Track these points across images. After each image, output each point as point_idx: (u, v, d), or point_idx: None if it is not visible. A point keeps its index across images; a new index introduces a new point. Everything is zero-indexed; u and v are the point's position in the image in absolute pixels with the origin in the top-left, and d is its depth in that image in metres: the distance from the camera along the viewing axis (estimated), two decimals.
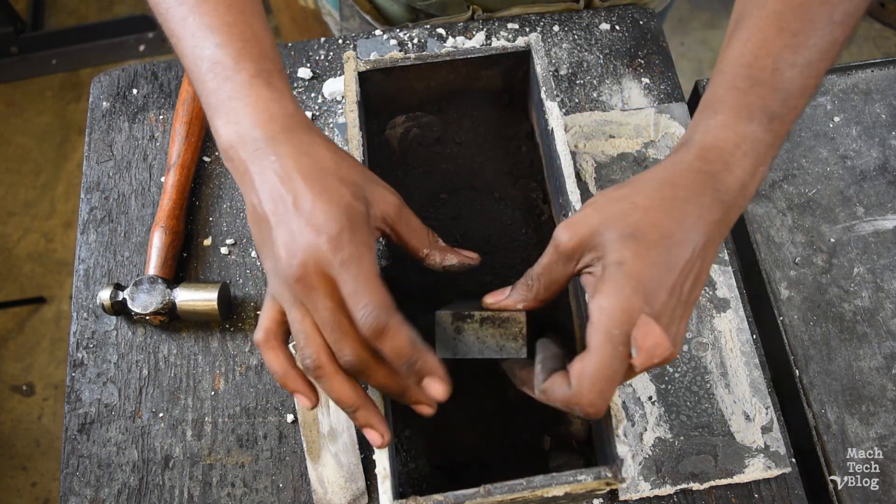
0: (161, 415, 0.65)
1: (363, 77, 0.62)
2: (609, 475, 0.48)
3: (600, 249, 0.45)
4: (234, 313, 0.69)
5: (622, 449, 0.49)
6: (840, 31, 0.48)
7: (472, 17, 0.83)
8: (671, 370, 0.65)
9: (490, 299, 0.52)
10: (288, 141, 0.48)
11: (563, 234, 0.47)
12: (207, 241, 0.72)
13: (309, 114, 0.77)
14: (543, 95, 0.60)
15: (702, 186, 0.46)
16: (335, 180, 0.47)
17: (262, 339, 0.48)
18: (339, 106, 0.78)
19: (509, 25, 0.81)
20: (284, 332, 0.48)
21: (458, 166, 0.66)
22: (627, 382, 0.64)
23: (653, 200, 0.46)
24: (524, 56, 0.63)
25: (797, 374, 0.66)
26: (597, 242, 0.46)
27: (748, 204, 0.47)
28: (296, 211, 0.45)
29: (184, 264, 0.71)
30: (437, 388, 0.47)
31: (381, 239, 0.57)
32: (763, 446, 0.62)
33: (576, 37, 0.80)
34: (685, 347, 0.66)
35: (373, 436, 0.48)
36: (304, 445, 0.61)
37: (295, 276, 0.44)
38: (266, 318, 0.48)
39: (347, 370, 0.46)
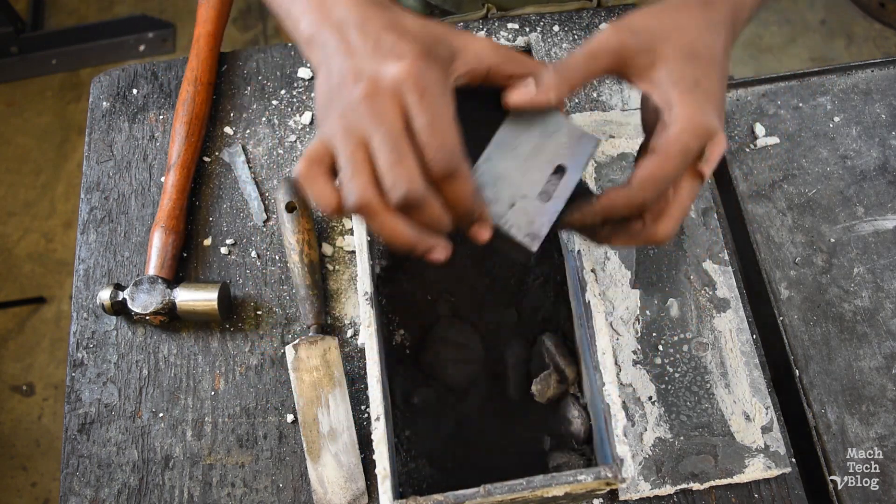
0: (161, 415, 0.65)
1: None
2: (609, 475, 0.48)
3: (659, 58, 0.49)
4: (234, 313, 0.69)
5: (622, 449, 0.49)
6: None
7: (486, 15, 0.83)
8: (671, 370, 0.65)
9: (515, 97, 0.49)
10: (377, 8, 0.46)
11: (612, 31, 0.49)
12: (207, 241, 0.72)
13: (309, 115, 0.77)
14: None
15: (723, 3, 0.52)
16: (420, 31, 0.46)
17: (305, 170, 0.44)
18: None
19: (509, 25, 0.81)
20: (330, 165, 0.44)
21: None
22: (627, 382, 0.64)
23: (697, 21, 0.50)
24: None
25: (797, 374, 0.66)
26: (653, 48, 0.49)
27: (743, 20, 0.55)
28: (375, 48, 0.44)
29: (184, 264, 0.71)
30: (484, 234, 0.46)
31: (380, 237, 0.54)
32: (763, 446, 0.62)
33: (576, 37, 0.80)
34: (685, 347, 0.66)
35: (439, 255, 0.45)
36: (304, 445, 0.61)
37: (365, 93, 0.42)
38: (309, 150, 0.44)
39: (397, 202, 0.42)
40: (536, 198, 0.48)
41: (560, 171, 0.48)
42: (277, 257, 0.71)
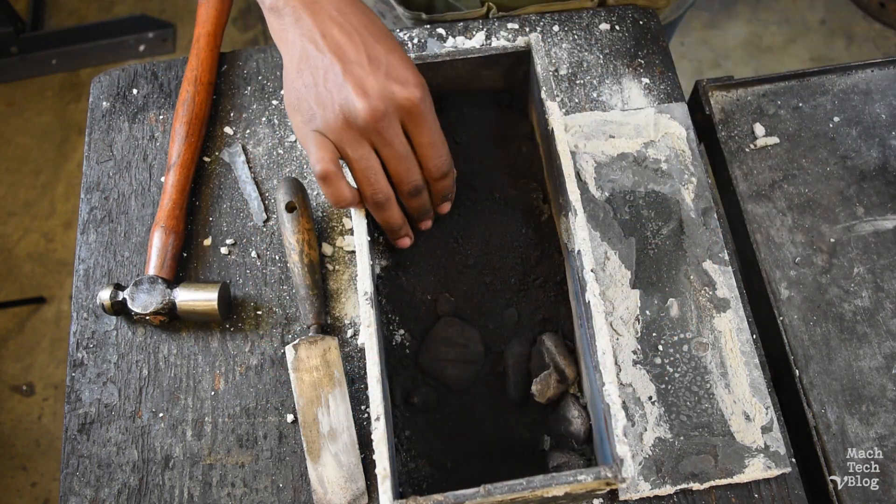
0: (161, 415, 0.65)
1: None
2: (609, 475, 0.48)
3: None
4: (234, 313, 0.69)
5: (622, 449, 0.49)
6: None
7: (487, 14, 0.83)
8: (671, 370, 0.65)
9: None
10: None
11: None
12: (207, 241, 0.72)
13: None
14: (543, 95, 0.60)
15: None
16: (397, 44, 0.56)
17: (331, 171, 0.54)
18: None
19: (509, 25, 0.81)
20: (340, 165, 0.55)
21: (458, 166, 0.66)
22: (627, 382, 0.64)
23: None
24: (524, 56, 0.63)
25: (797, 374, 0.66)
26: None
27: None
28: (370, 60, 0.53)
29: (184, 264, 0.71)
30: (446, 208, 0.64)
31: (379, 237, 0.66)
32: (763, 446, 0.62)
33: (576, 37, 0.80)
34: (685, 347, 0.66)
35: (405, 241, 0.63)
36: (304, 445, 0.61)
37: (375, 112, 0.52)
38: (324, 152, 0.54)
39: (408, 193, 0.58)
40: None
41: None
42: (277, 257, 0.71)
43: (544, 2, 0.83)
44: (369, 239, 0.58)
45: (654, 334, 0.66)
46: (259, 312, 0.69)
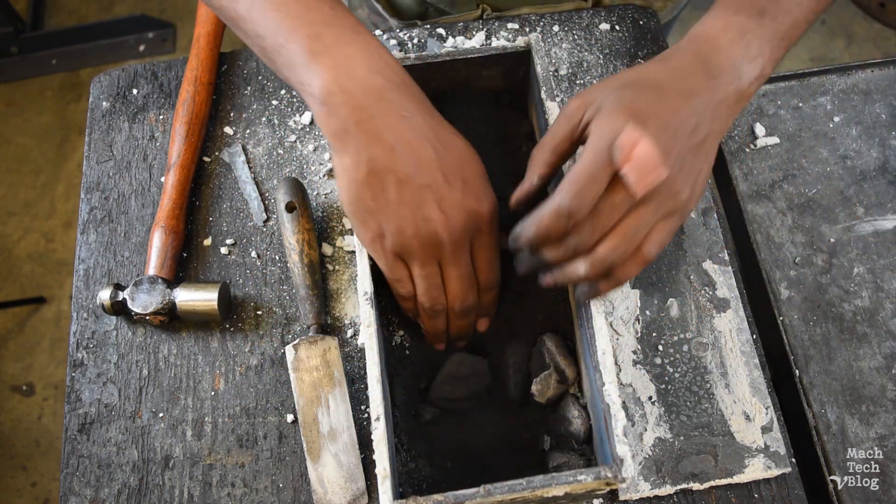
0: (161, 415, 0.65)
1: None
2: (609, 475, 0.48)
3: (599, 103, 0.49)
4: (234, 313, 0.69)
5: (622, 449, 0.49)
6: None
7: (481, 15, 0.83)
8: (671, 370, 0.65)
9: (514, 196, 0.55)
10: (411, 96, 0.49)
11: (570, 101, 0.52)
12: (207, 241, 0.72)
13: (308, 115, 0.77)
14: (543, 95, 0.60)
15: (689, 61, 0.51)
16: (466, 151, 0.53)
17: (394, 273, 0.54)
18: None
19: (509, 25, 0.81)
20: (406, 267, 0.54)
21: None
22: (627, 382, 0.64)
23: (644, 68, 0.52)
24: (524, 56, 0.63)
25: (797, 374, 0.66)
26: (595, 99, 0.49)
27: (750, 93, 0.52)
28: (447, 173, 0.49)
29: (184, 264, 0.71)
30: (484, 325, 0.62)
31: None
32: (763, 446, 0.62)
33: (576, 37, 0.80)
34: (685, 347, 0.66)
35: (440, 346, 0.63)
36: (304, 445, 0.61)
37: (456, 236, 0.51)
38: (400, 275, 0.54)
39: (461, 312, 0.57)
40: None
41: None
42: (277, 257, 0.71)
43: (538, 3, 0.83)
44: None
45: (654, 334, 0.66)
46: (259, 312, 0.69)
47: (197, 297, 0.66)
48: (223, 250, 0.71)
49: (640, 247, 0.49)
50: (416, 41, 0.80)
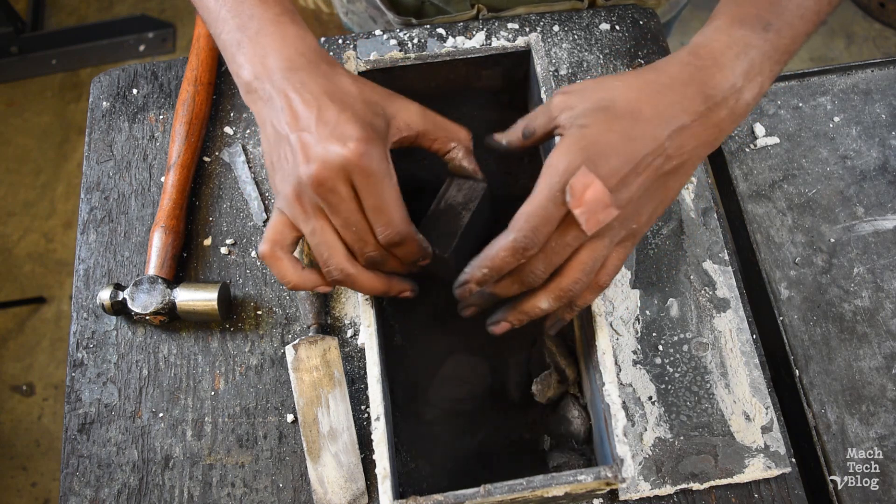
0: (161, 415, 0.65)
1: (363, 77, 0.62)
2: (609, 475, 0.49)
3: (574, 114, 0.49)
4: (234, 313, 0.69)
5: (622, 449, 0.49)
6: None
7: (476, 15, 0.83)
8: (671, 370, 0.65)
9: (494, 135, 0.55)
10: (314, 70, 0.51)
11: (555, 95, 0.51)
12: (207, 241, 0.72)
13: None
14: (543, 95, 0.60)
15: (688, 77, 0.49)
16: (358, 100, 0.50)
17: (268, 251, 0.50)
18: None
19: (509, 25, 0.81)
20: (291, 243, 0.51)
21: None
22: (627, 382, 0.64)
23: (634, 81, 0.50)
24: (524, 56, 0.63)
25: (797, 374, 0.66)
26: (575, 106, 0.49)
27: (746, 113, 0.51)
28: (319, 123, 0.48)
29: (184, 264, 0.71)
30: (426, 262, 0.54)
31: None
32: (763, 446, 0.62)
33: (576, 37, 0.80)
34: (685, 347, 0.66)
35: (407, 294, 0.55)
36: (304, 445, 0.61)
37: (317, 177, 0.46)
38: (271, 230, 0.50)
39: (367, 263, 0.51)
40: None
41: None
42: None
43: (533, 3, 0.83)
44: None
45: (654, 334, 0.66)
46: (259, 312, 0.69)
47: (197, 297, 0.66)
48: (223, 250, 0.71)
49: (597, 275, 0.51)
50: (416, 41, 0.80)
